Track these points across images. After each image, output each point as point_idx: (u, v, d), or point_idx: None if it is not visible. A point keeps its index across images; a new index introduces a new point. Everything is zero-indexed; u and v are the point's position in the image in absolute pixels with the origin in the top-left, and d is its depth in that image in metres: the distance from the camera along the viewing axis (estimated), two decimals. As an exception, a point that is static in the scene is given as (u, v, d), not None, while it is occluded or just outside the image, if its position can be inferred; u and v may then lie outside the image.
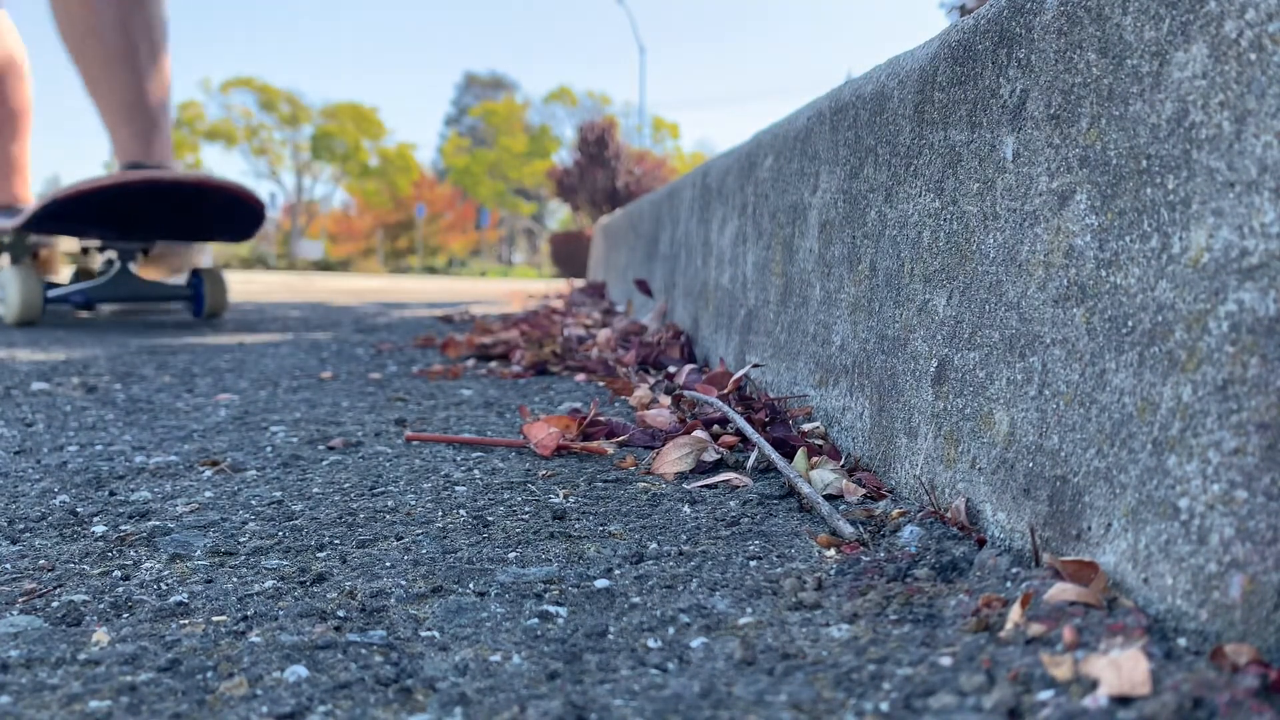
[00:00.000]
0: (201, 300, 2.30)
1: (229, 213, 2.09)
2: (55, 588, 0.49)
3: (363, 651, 0.42)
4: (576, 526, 0.61)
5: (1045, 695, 0.35)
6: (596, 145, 12.97)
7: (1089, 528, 0.44)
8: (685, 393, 0.98)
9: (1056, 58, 0.50)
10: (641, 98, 19.08)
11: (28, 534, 0.59)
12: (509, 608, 0.47)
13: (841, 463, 0.74)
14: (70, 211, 1.96)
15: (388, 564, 0.54)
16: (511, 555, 0.55)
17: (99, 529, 0.60)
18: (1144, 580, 0.40)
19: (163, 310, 2.58)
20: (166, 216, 2.06)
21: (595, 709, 0.37)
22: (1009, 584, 0.45)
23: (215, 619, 0.45)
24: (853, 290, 0.78)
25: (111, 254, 2.30)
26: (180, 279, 2.57)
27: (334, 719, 0.36)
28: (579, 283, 4.61)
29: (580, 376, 1.35)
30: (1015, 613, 0.41)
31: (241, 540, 0.58)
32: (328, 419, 0.99)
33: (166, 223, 2.10)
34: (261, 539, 0.58)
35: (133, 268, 2.29)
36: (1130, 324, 0.43)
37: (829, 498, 0.66)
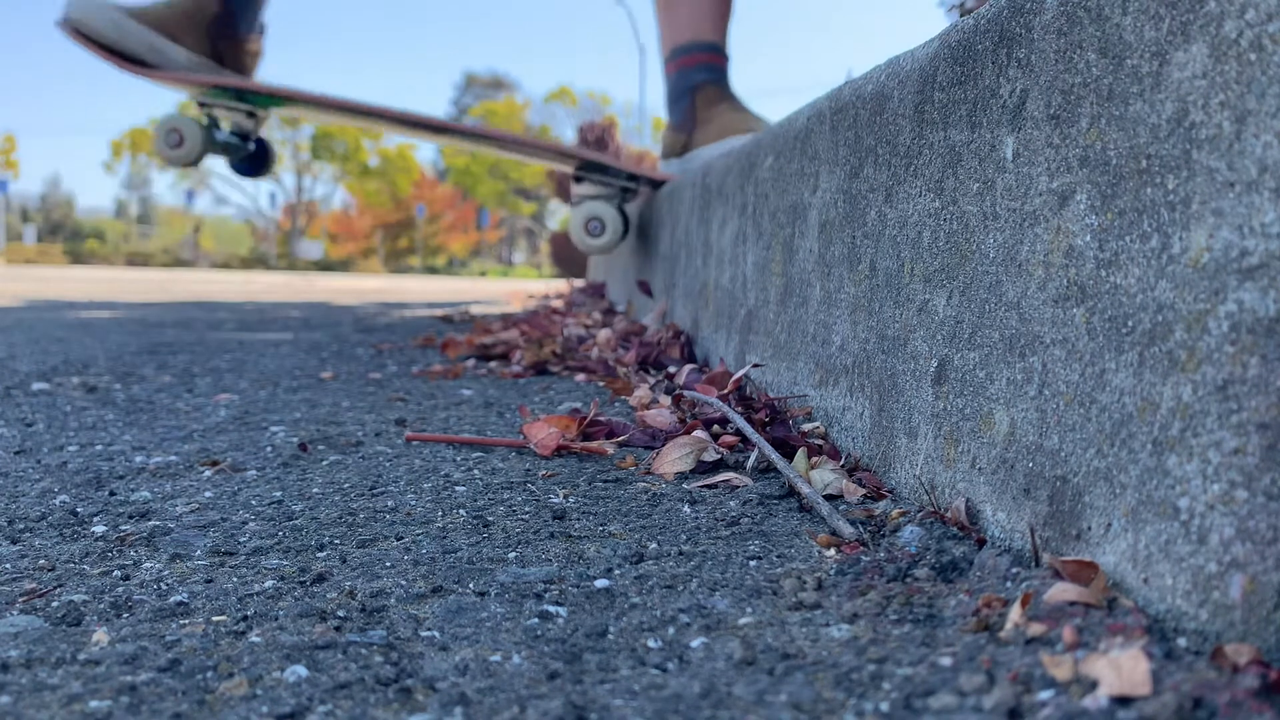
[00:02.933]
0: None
1: None
2: (55, 588, 0.49)
3: (363, 651, 0.42)
4: (576, 526, 0.61)
5: (1045, 695, 0.35)
6: (596, 145, 12.96)
7: (1089, 528, 0.44)
8: (685, 393, 0.98)
9: (1056, 58, 0.50)
10: (641, 98, 19.08)
11: (28, 534, 0.59)
12: (509, 608, 0.47)
13: (841, 463, 0.74)
14: None
15: (388, 564, 0.54)
16: (511, 555, 0.55)
17: (99, 529, 0.60)
18: (1144, 580, 0.40)
19: None
20: None
21: (595, 709, 0.37)
22: (1009, 584, 0.45)
23: (215, 619, 0.45)
24: (853, 290, 0.78)
25: None
26: None
27: (334, 719, 0.36)
28: (579, 283, 4.61)
29: (580, 376, 1.35)
30: (1015, 613, 0.41)
31: (241, 540, 0.58)
32: (328, 419, 0.99)
33: None
34: (261, 539, 0.58)
35: None
36: (1130, 324, 0.43)
37: (829, 498, 0.66)
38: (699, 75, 2.07)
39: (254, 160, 2.42)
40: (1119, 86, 0.45)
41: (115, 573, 0.52)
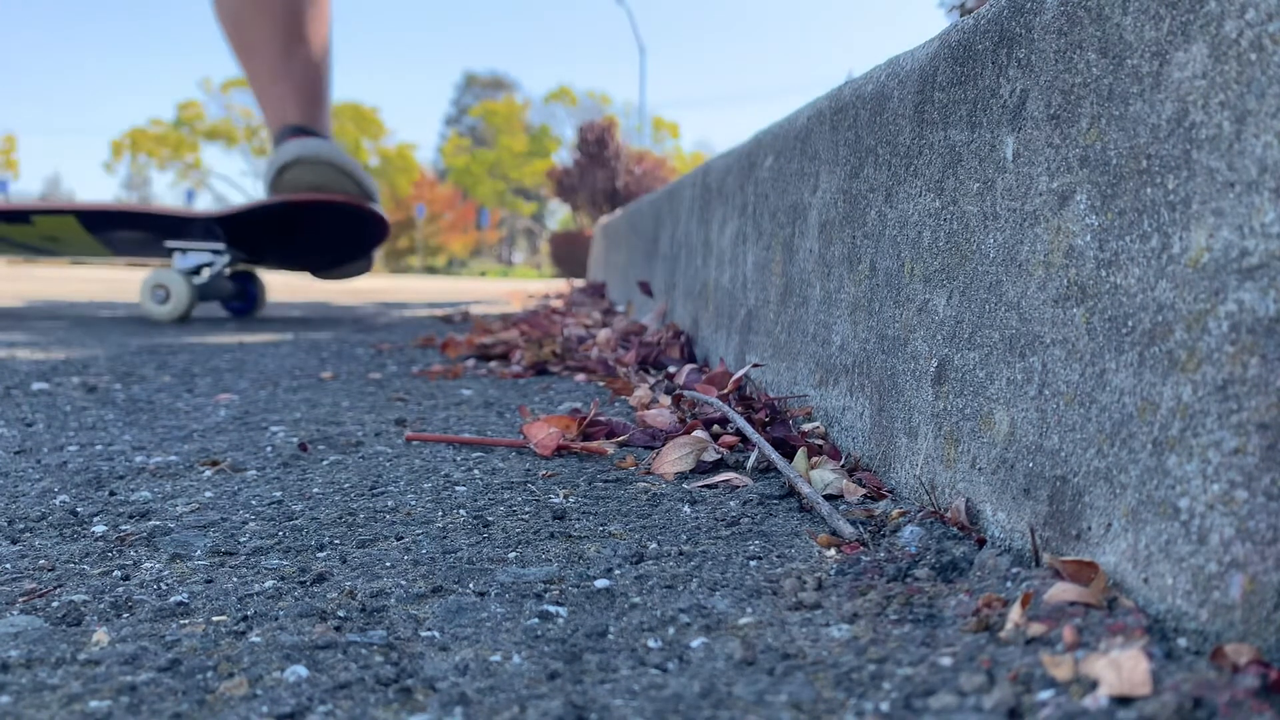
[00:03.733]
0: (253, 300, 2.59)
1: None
2: (55, 588, 0.49)
3: (363, 651, 0.42)
4: (576, 526, 0.61)
5: (1045, 695, 0.35)
6: (596, 145, 12.97)
7: (1089, 528, 0.44)
8: (685, 393, 0.98)
9: (1056, 58, 0.50)
10: (641, 98, 19.09)
11: (28, 534, 0.59)
12: (509, 608, 0.47)
13: (841, 463, 0.74)
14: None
15: (388, 564, 0.54)
16: (511, 555, 0.55)
17: (99, 529, 0.60)
18: (1144, 580, 0.40)
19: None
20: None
21: (595, 709, 0.37)
22: (1009, 584, 0.45)
23: (215, 619, 0.45)
24: (853, 290, 0.78)
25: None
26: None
27: (334, 719, 0.36)
28: (579, 283, 4.61)
29: (580, 376, 1.35)
30: (1015, 613, 0.41)
31: (241, 540, 0.58)
32: (328, 419, 0.99)
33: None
34: (261, 539, 0.58)
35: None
36: (1130, 324, 0.43)
37: (829, 498, 0.66)
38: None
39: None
40: (1119, 86, 0.45)
41: (115, 573, 0.52)
